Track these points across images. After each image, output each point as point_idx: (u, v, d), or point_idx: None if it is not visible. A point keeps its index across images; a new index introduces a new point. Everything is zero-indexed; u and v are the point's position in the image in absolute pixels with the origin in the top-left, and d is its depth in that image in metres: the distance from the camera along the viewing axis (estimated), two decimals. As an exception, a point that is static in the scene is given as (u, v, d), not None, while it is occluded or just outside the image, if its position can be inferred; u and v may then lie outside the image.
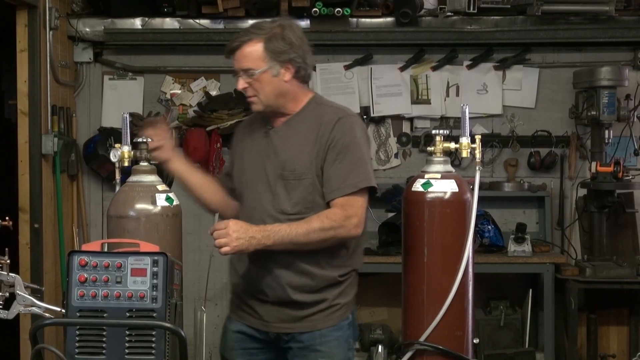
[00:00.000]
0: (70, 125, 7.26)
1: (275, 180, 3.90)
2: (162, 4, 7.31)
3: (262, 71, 3.84)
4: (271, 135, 3.97)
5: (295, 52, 3.88)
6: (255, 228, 3.72)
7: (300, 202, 3.88)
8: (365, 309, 7.55)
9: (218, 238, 3.65)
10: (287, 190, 3.89)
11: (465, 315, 3.71)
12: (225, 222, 3.68)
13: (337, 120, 3.89)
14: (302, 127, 3.93)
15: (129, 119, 3.96)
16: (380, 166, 7.63)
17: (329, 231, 3.79)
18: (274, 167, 3.92)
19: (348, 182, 3.82)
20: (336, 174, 3.84)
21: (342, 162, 3.84)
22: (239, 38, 3.87)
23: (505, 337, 7.15)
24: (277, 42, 3.84)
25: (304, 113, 3.96)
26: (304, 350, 3.98)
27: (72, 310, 3.25)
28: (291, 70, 3.89)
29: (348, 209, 3.82)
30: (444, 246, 3.70)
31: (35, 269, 6.45)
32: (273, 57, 3.84)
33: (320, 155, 3.86)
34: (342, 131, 3.87)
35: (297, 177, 3.87)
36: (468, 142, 3.77)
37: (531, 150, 7.50)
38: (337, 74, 7.56)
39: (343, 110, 4.01)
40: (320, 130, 3.88)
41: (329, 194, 3.85)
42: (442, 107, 7.54)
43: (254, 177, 3.96)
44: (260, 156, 3.97)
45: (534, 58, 7.57)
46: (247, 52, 3.85)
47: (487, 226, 7.03)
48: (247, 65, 3.85)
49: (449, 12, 7.22)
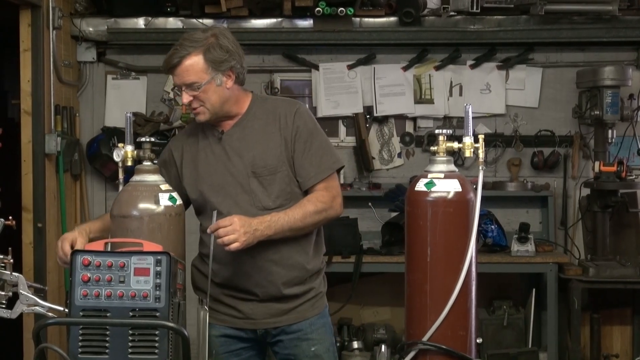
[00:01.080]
0: (74, 124, 7.27)
1: (246, 179, 3.93)
2: (165, 4, 7.33)
3: (206, 83, 3.86)
4: (225, 140, 4.00)
5: (234, 58, 3.92)
6: (256, 220, 3.75)
7: (280, 194, 3.94)
8: (368, 308, 7.56)
9: (225, 235, 3.65)
10: (264, 186, 3.93)
11: (468, 315, 3.71)
12: (230, 219, 3.69)
13: (295, 111, 3.99)
14: (257, 125, 3.99)
15: (132, 118, 3.96)
16: (384, 166, 7.64)
17: (322, 213, 3.93)
18: (241, 168, 3.94)
19: (323, 167, 3.96)
20: (309, 161, 3.95)
21: (311, 149, 3.96)
22: (177, 54, 3.86)
23: (508, 337, 7.16)
24: (215, 52, 3.87)
25: (252, 111, 4.02)
26: (295, 340, 4.06)
27: (75, 310, 3.25)
28: (232, 77, 3.93)
29: (331, 190, 3.98)
30: (447, 246, 3.69)
31: (38, 268, 6.46)
32: (214, 67, 3.87)
33: (289, 146, 3.95)
34: (303, 121, 3.98)
35: (271, 171, 3.93)
36: (471, 142, 3.75)
37: (534, 150, 7.51)
38: (340, 73, 7.56)
39: (293, 101, 4.13)
40: (282, 122, 3.96)
41: (307, 181, 3.96)
42: (445, 107, 7.55)
43: (219, 183, 3.97)
44: (219, 161, 3.98)
45: (537, 58, 7.57)
46: (188, 66, 3.85)
47: (491, 226, 7.03)
48: (191, 79, 3.86)
49: (452, 12, 7.23)
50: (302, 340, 4.05)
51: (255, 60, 7.60)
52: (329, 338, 4.14)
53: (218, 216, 3.79)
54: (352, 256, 6.98)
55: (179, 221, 3.78)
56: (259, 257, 3.91)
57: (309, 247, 4.03)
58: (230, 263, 3.94)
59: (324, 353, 4.09)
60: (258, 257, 3.91)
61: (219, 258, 3.92)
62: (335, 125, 7.72)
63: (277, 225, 3.80)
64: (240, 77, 3.97)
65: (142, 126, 7.34)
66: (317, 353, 4.06)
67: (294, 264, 3.98)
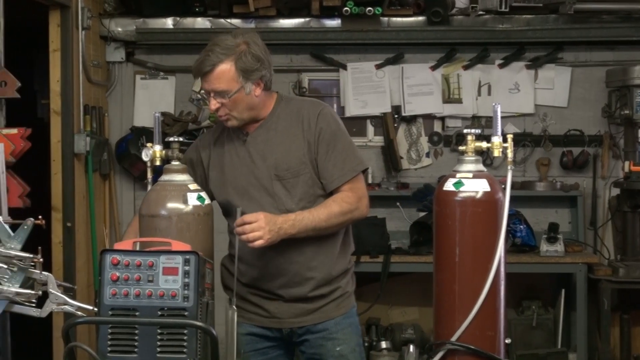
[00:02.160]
0: (103, 124, 7.30)
1: (270, 182, 3.93)
2: (193, 4, 7.34)
3: (236, 91, 3.84)
4: (249, 142, 3.99)
5: (264, 67, 3.90)
6: (280, 218, 3.75)
7: (303, 197, 3.92)
8: (396, 308, 7.55)
9: (251, 231, 3.65)
10: (287, 189, 3.92)
11: (497, 315, 3.69)
12: (255, 215, 3.68)
13: (318, 113, 3.95)
14: (281, 127, 3.97)
15: (160, 118, 3.97)
16: (412, 165, 7.63)
17: (347, 214, 3.91)
18: (264, 170, 3.94)
19: (347, 169, 3.93)
20: (333, 163, 3.92)
21: (335, 152, 3.93)
22: (208, 60, 3.84)
23: (537, 338, 7.13)
24: (247, 61, 3.84)
25: (276, 113, 4.00)
26: (320, 340, 4.05)
27: (104, 309, 3.26)
28: (261, 85, 3.91)
29: (357, 191, 3.95)
30: (476, 246, 3.67)
31: (67, 267, 6.49)
32: (245, 77, 3.84)
33: (312, 148, 3.92)
34: (326, 122, 3.95)
35: (294, 174, 3.92)
36: (500, 142, 3.74)
37: (563, 150, 7.47)
38: (368, 73, 7.56)
39: (317, 102, 4.10)
40: (305, 125, 3.94)
41: (330, 183, 3.93)
42: (474, 106, 7.53)
43: (243, 186, 3.97)
44: (244, 164, 3.98)
45: (567, 57, 7.54)
46: (219, 73, 3.83)
47: (519, 226, 7.01)
48: (221, 87, 3.84)
49: (480, 11, 7.21)
50: (327, 339, 4.04)
51: (283, 59, 7.61)
52: (354, 338, 4.11)
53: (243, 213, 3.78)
54: (380, 256, 6.98)
55: (208, 221, 3.79)
56: (284, 260, 3.92)
57: (335, 249, 4.02)
58: (256, 264, 3.95)
59: (349, 353, 4.07)
60: (283, 260, 3.92)
61: (245, 259, 3.92)
62: (363, 125, 7.71)
63: (301, 225, 3.79)
64: (268, 84, 3.96)
65: (170, 126, 7.36)
66: (342, 353, 4.05)
67: (319, 266, 3.97)
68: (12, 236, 4.00)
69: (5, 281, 3.96)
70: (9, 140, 4.92)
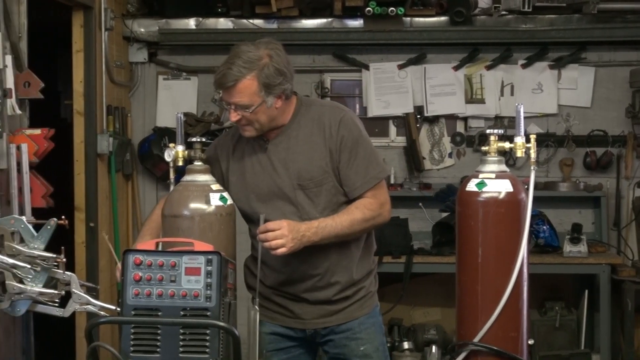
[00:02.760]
0: (125, 125, 7.32)
1: (293, 191, 3.91)
2: (216, 4, 7.36)
3: (258, 105, 3.80)
4: (270, 150, 3.96)
5: (287, 80, 3.85)
6: (304, 226, 3.74)
7: (327, 206, 3.91)
8: (419, 309, 7.54)
9: (274, 239, 3.65)
10: (310, 198, 3.91)
11: (520, 316, 3.68)
12: (278, 223, 3.68)
13: (340, 120, 3.91)
14: (302, 134, 3.94)
15: (183, 118, 3.97)
16: (434, 166, 7.62)
17: (369, 221, 3.91)
18: (286, 179, 3.91)
19: (369, 176, 3.91)
20: (355, 171, 3.90)
21: (357, 159, 3.90)
22: (231, 75, 3.77)
23: (560, 339, 7.11)
24: (270, 75, 3.78)
25: (297, 119, 3.96)
26: (344, 339, 4.05)
27: (127, 309, 3.27)
28: (282, 97, 3.86)
29: (379, 197, 3.94)
30: (499, 246, 3.67)
31: (90, 267, 6.51)
32: (267, 91, 3.80)
33: (334, 157, 3.90)
34: (348, 130, 3.91)
35: (317, 184, 3.90)
36: (523, 142, 3.73)
37: (587, 150, 7.44)
38: (391, 73, 7.55)
39: (338, 107, 4.05)
40: (327, 133, 3.90)
41: (353, 191, 3.91)
42: (497, 107, 7.51)
43: (266, 194, 3.94)
44: (266, 172, 3.95)
45: (590, 57, 7.51)
46: (242, 88, 3.79)
47: (542, 226, 6.99)
48: (243, 101, 3.80)
49: (503, 11, 7.19)
50: (351, 339, 4.04)
51: (306, 60, 7.61)
52: (378, 338, 4.11)
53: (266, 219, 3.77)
54: (403, 256, 6.97)
55: (230, 221, 3.79)
56: (308, 266, 3.92)
57: (358, 252, 4.01)
58: (279, 270, 3.95)
59: (373, 352, 4.07)
60: (307, 266, 3.91)
61: (268, 264, 3.93)
62: (386, 125, 7.71)
63: (324, 232, 3.78)
64: (289, 95, 3.92)
65: (193, 126, 7.38)
66: (366, 352, 4.05)
67: (343, 270, 3.97)
68: (35, 236, 4.02)
69: (29, 281, 3.98)
70: (33, 140, 4.94)
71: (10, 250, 3.99)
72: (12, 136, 4.85)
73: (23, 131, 4.99)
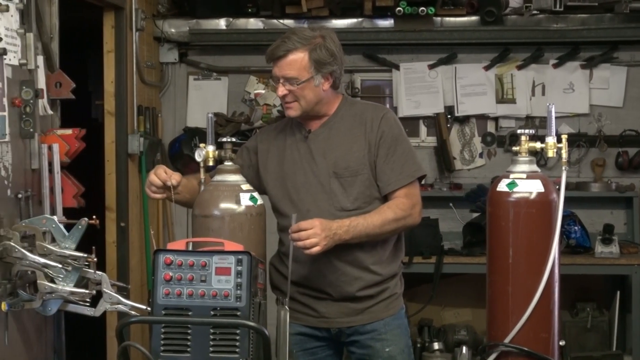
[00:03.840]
0: (156, 125, 7.35)
1: (327, 179, 3.95)
2: (246, 5, 7.37)
3: (306, 80, 3.88)
4: (311, 139, 4.02)
5: (337, 63, 3.95)
6: (335, 224, 3.76)
7: (359, 197, 3.94)
8: (449, 309, 7.52)
9: (306, 238, 3.66)
10: (344, 187, 3.94)
11: (551, 317, 3.67)
12: (310, 222, 3.69)
13: (382, 116, 3.99)
14: (343, 127, 4.01)
15: (213, 119, 3.99)
16: (465, 166, 7.60)
17: (401, 221, 3.92)
18: (323, 167, 3.96)
19: (404, 174, 3.94)
20: (391, 167, 3.94)
21: (394, 155, 3.95)
22: (284, 46, 3.88)
23: (592, 340, 7.07)
24: (321, 53, 3.89)
25: (340, 113, 4.04)
26: (369, 340, 4.05)
27: (157, 309, 3.28)
28: (330, 80, 3.95)
29: (412, 197, 3.95)
30: (530, 247, 3.66)
31: (121, 267, 6.53)
32: (317, 68, 3.89)
33: (372, 150, 3.95)
34: (388, 126, 3.98)
35: (352, 173, 3.94)
36: (554, 142, 3.72)
37: (619, 150, 7.40)
38: (421, 73, 7.54)
39: (382, 106, 4.18)
40: (368, 127, 3.97)
41: (386, 186, 3.95)
42: (528, 107, 7.48)
43: (302, 181, 3.99)
44: (304, 160, 4.00)
45: (622, 56, 7.47)
46: (292, 60, 3.88)
47: (574, 227, 6.95)
48: (292, 74, 3.88)
49: (534, 11, 7.16)
50: (376, 340, 4.05)
51: (336, 60, 7.61)
52: (403, 339, 4.11)
53: (297, 218, 3.78)
54: (433, 257, 6.95)
55: (260, 221, 3.80)
56: (334, 258, 3.92)
57: (385, 252, 4.02)
58: (305, 262, 3.95)
59: (398, 354, 4.07)
60: (333, 258, 3.92)
61: (295, 256, 3.93)
62: (416, 126, 7.69)
63: (355, 231, 3.80)
64: (337, 82, 4.00)
65: (223, 126, 7.39)
66: (391, 354, 4.05)
67: (368, 267, 3.98)
68: (66, 236, 4.05)
69: (60, 280, 4.00)
70: (64, 140, 4.97)
71: (42, 249, 4.02)
72: (44, 136, 4.88)
73: (54, 131, 5.01)
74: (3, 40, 4.27)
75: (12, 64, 4.45)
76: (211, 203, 3.74)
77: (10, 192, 4.40)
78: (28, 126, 4.57)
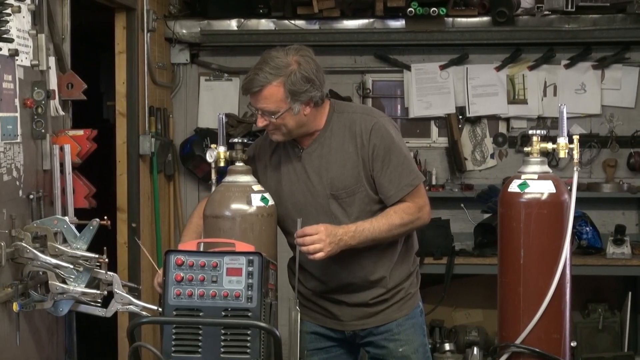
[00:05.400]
0: (167, 125, 7.36)
1: (326, 201, 3.90)
2: (257, 6, 7.37)
3: (284, 112, 3.79)
4: (305, 158, 3.95)
5: (315, 88, 3.82)
6: (341, 230, 3.74)
7: (360, 215, 3.89)
8: (460, 310, 7.52)
9: (311, 243, 3.66)
10: (343, 208, 3.90)
11: (562, 318, 3.66)
12: (315, 227, 3.68)
13: (371, 128, 3.88)
14: (335, 142, 3.92)
15: (224, 119, 3.99)
16: (476, 167, 7.59)
17: (408, 225, 3.89)
18: (320, 189, 3.91)
19: (403, 184, 3.88)
20: (389, 179, 3.87)
21: (390, 167, 3.87)
22: (258, 81, 3.76)
23: (603, 341, 7.06)
24: (296, 82, 3.76)
25: (330, 126, 3.94)
26: (383, 341, 4.04)
27: (168, 309, 3.28)
28: (311, 104, 3.85)
29: (417, 200, 3.91)
30: (541, 248, 3.65)
31: (132, 267, 6.54)
32: (294, 98, 3.78)
33: (367, 165, 3.88)
34: (379, 137, 3.87)
35: (349, 193, 3.89)
36: (566, 143, 3.72)
37: (631, 151, 7.39)
38: (433, 74, 7.53)
39: (370, 114, 3.99)
40: (358, 142, 3.88)
41: (388, 198, 3.89)
42: (539, 107, 7.47)
43: (302, 202, 3.94)
44: (301, 180, 3.95)
45: (634, 57, 7.45)
46: (267, 94, 3.77)
47: (585, 228, 6.94)
48: (269, 107, 3.79)
49: (546, 11, 7.15)
50: (389, 340, 4.04)
51: (347, 61, 7.62)
52: (418, 339, 4.08)
53: (303, 223, 3.77)
54: (444, 257, 6.95)
55: (271, 222, 3.80)
56: (345, 273, 3.92)
57: (396, 256, 4.00)
58: (317, 276, 3.97)
59: (412, 354, 4.05)
60: (345, 271, 3.92)
61: (307, 269, 3.95)
62: (428, 126, 7.69)
63: (361, 236, 3.78)
64: (319, 102, 3.89)
65: (234, 127, 7.39)
66: (404, 354, 4.04)
67: (381, 275, 3.97)
68: (78, 236, 4.06)
69: (72, 281, 4.02)
70: (75, 141, 4.97)
71: (53, 250, 4.03)
72: (55, 137, 4.89)
73: (66, 132, 5.02)
74: (15, 41, 4.27)
75: (23, 65, 4.46)
76: (222, 204, 3.74)
77: (21, 193, 4.41)
78: (40, 127, 4.58)
